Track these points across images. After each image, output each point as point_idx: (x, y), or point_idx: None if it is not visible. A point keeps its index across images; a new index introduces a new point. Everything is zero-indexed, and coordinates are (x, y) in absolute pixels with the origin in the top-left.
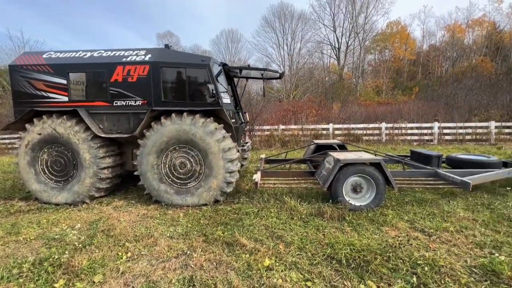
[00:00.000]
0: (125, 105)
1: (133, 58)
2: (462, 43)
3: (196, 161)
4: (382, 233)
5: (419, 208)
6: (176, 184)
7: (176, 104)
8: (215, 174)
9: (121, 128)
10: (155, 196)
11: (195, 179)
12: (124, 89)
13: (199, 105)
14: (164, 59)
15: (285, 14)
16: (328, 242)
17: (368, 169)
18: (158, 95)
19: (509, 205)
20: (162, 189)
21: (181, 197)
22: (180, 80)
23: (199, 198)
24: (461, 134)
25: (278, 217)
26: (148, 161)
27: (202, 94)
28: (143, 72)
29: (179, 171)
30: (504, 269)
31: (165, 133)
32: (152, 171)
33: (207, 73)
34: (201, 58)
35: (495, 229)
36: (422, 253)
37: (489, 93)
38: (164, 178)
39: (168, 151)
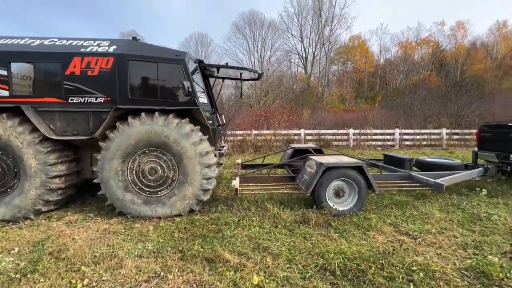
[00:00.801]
0: (83, 102)
1: (94, 49)
2: (412, 58)
3: (169, 166)
4: (369, 238)
5: (398, 211)
6: (145, 192)
7: (146, 102)
8: (190, 180)
9: (78, 129)
10: (119, 207)
11: (168, 186)
12: (82, 83)
13: (172, 104)
14: (132, 51)
15: (255, 22)
16: (318, 252)
17: (351, 173)
18: (124, 91)
19: (474, 204)
20: (128, 198)
21: (151, 207)
22: (151, 76)
23: (172, 208)
24: (419, 140)
25: (261, 226)
26: (111, 167)
27: (176, 92)
28: (106, 65)
29: (148, 178)
30: (496, 270)
31: (133, 134)
32: (116, 178)
33: (182, 69)
34: (175, 53)
35: (470, 229)
36: (414, 258)
37: (440, 103)
38: (130, 186)
39: (136, 155)
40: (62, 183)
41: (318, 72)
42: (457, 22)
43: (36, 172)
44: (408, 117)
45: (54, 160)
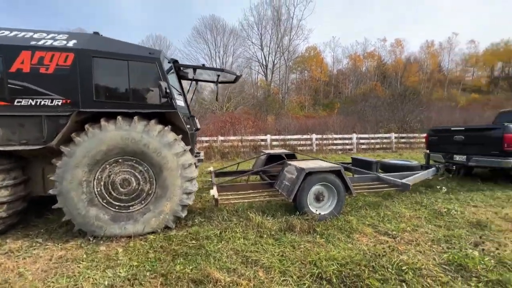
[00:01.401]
0: (34, 105)
1: (48, 42)
2: (361, 70)
3: (145, 178)
4: (354, 241)
5: (372, 212)
6: (114, 207)
7: (115, 105)
8: (169, 195)
9: (27, 137)
10: (79, 225)
11: (142, 201)
12: (33, 83)
13: (147, 107)
14: (97, 47)
15: (217, 28)
16: (310, 260)
17: (330, 177)
18: (88, 93)
19: (433, 201)
20: (92, 214)
21: (119, 224)
22: (121, 75)
23: (145, 225)
24: (373, 144)
25: (245, 237)
26: (74, 176)
27: (151, 93)
28: (65, 62)
29: (119, 190)
30: (475, 262)
31: (106, 140)
32: (78, 190)
33: (157, 68)
34: (148, 50)
35: (437, 224)
36: (400, 258)
37: (389, 110)
38: (96, 199)
39: (106, 164)
40: (4, 211)
41: (278, 80)
42: (396, 39)
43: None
44: (363, 122)
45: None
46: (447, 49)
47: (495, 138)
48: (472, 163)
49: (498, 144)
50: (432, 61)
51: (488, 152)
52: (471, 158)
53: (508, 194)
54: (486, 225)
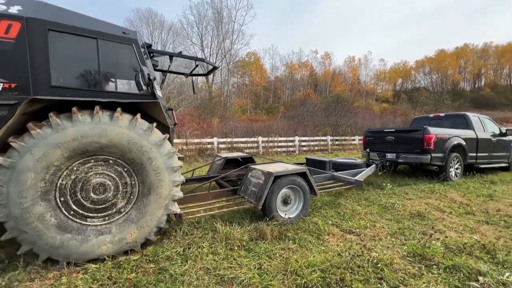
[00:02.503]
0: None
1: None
2: (296, 78)
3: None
4: (325, 242)
5: (331, 211)
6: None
7: (80, 93)
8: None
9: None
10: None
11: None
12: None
13: (123, 96)
14: (54, 18)
15: (154, 22)
16: (291, 270)
17: (298, 180)
18: (43, 75)
19: (377, 197)
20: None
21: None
22: (87, 56)
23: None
24: (312, 145)
25: (214, 252)
26: (26, 182)
27: (126, 80)
28: (6, 34)
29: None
30: (430, 251)
31: (76, 135)
32: (32, 199)
33: (134, 51)
34: (121, 29)
35: (387, 218)
36: (372, 255)
37: (324, 116)
38: (56, 212)
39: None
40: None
41: (220, 82)
42: (325, 52)
43: None
44: (303, 126)
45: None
46: (364, 64)
47: (417, 139)
48: (400, 160)
49: (420, 143)
50: (352, 74)
51: (412, 150)
52: (399, 156)
53: (429, 187)
54: (425, 216)
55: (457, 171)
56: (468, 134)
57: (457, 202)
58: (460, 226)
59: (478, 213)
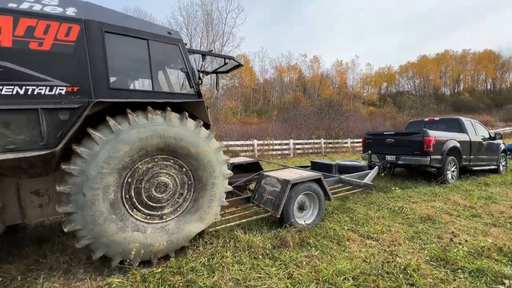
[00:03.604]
0: (23, 94)
1: (36, 7)
2: (285, 81)
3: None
4: (347, 248)
5: (343, 216)
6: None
7: (136, 95)
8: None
9: (16, 141)
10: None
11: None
12: (18, 63)
13: (175, 96)
14: (107, 19)
15: None
16: (323, 279)
17: (313, 186)
18: (102, 78)
19: (384, 201)
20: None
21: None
22: (140, 57)
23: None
24: (306, 148)
25: (239, 262)
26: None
27: (175, 80)
28: (67, 36)
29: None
30: (456, 256)
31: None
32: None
33: (181, 51)
34: (165, 29)
35: (400, 222)
36: (397, 260)
37: (318, 118)
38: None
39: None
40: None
41: (209, 84)
42: (314, 56)
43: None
44: (297, 129)
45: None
46: (351, 68)
47: (417, 141)
48: (400, 162)
49: (420, 145)
50: (340, 77)
51: (412, 153)
52: (399, 158)
53: (431, 190)
54: (435, 219)
55: (453, 173)
56: (462, 137)
57: (461, 205)
58: (471, 229)
59: (484, 215)
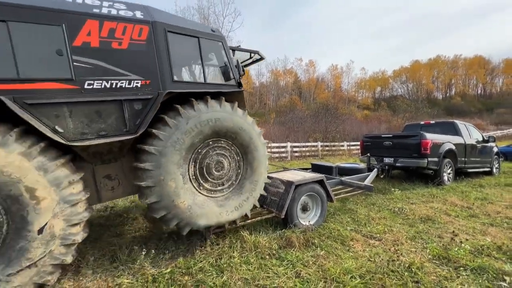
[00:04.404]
0: (109, 87)
1: (112, 11)
2: (280, 84)
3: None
4: (352, 248)
5: (345, 216)
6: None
7: (193, 86)
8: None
9: (107, 128)
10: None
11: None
12: (104, 60)
13: (223, 87)
14: (168, 20)
15: None
16: (331, 277)
17: (316, 187)
18: (167, 71)
19: (383, 202)
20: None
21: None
22: (192, 53)
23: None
24: (304, 151)
25: (247, 262)
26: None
27: (219, 73)
28: (139, 36)
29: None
30: (457, 254)
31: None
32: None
33: (224, 47)
34: (209, 28)
35: (400, 222)
36: (400, 259)
37: (314, 122)
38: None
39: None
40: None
41: None
42: (310, 60)
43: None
44: (294, 132)
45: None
46: (346, 72)
47: (415, 144)
48: (398, 164)
49: (417, 148)
50: (335, 81)
51: (410, 155)
52: (397, 160)
53: (428, 191)
54: (434, 220)
55: (449, 175)
56: (457, 140)
57: (459, 206)
58: (469, 229)
59: (481, 215)
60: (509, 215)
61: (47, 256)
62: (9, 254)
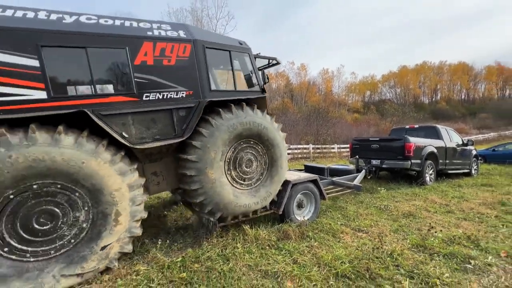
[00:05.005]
0: (162, 98)
1: (161, 32)
2: (272, 87)
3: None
4: (342, 240)
5: (336, 213)
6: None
7: (227, 94)
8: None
9: (160, 133)
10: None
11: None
12: (158, 76)
13: (250, 93)
14: (205, 38)
15: None
16: (324, 263)
17: (310, 186)
18: (206, 82)
19: (370, 200)
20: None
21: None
22: (225, 65)
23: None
24: (295, 153)
25: (249, 252)
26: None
27: (247, 81)
28: (183, 53)
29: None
30: (432, 243)
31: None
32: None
33: (250, 57)
34: (237, 41)
35: (385, 218)
36: (384, 248)
37: (306, 125)
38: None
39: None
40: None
41: None
42: (301, 64)
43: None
44: (287, 135)
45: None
46: (336, 76)
47: (399, 147)
48: (385, 165)
49: (401, 151)
50: (326, 85)
51: (395, 157)
52: (384, 162)
53: (412, 191)
54: (415, 215)
55: (431, 176)
56: (439, 144)
57: (438, 203)
58: (445, 223)
59: (456, 211)
60: (481, 211)
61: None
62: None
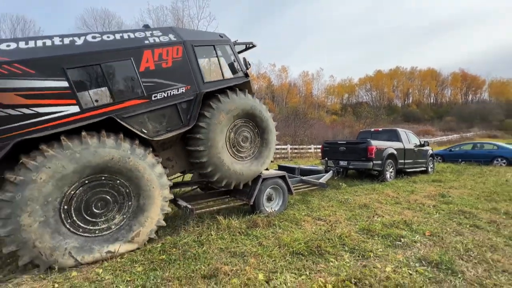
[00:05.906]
0: (167, 96)
1: (156, 39)
2: (254, 88)
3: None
4: (302, 227)
5: (302, 206)
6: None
7: (217, 83)
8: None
9: (170, 125)
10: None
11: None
12: (160, 77)
13: (236, 80)
14: (192, 37)
15: (110, 23)
16: (284, 244)
17: (279, 181)
18: (199, 76)
19: (334, 195)
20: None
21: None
22: (212, 58)
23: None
24: (274, 153)
25: (222, 238)
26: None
27: (231, 68)
28: (177, 55)
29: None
30: (375, 227)
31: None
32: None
33: (232, 48)
34: (217, 34)
35: (344, 209)
36: (336, 231)
37: (284, 126)
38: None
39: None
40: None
41: None
42: (282, 66)
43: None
44: None
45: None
46: (316, 79)
47: (363, 149)
48: (351, 166)
49: (364, 153)
50: (306, 87)
51: (359, 159)
52: (350, 163)
53: (372, 186)
54: (369, 206)
55: (391, 174)
56: (398, 145)
57: (390, 196)
58: (391, 212)
59: (403, 202)
60: (423, 202)
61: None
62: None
